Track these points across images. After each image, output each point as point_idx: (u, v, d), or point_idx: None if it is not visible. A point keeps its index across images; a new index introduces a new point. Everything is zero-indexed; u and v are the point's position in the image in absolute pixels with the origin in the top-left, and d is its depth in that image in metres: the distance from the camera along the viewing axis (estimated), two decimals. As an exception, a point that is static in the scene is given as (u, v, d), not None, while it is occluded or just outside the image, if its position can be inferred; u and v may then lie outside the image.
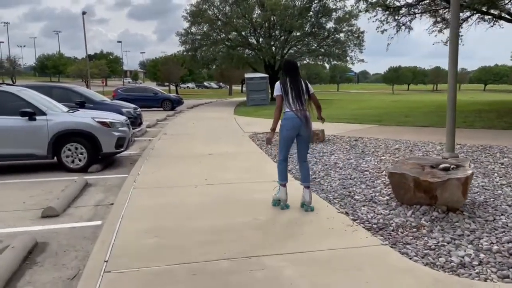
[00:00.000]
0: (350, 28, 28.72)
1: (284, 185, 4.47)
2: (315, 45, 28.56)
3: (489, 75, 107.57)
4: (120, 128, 7.42)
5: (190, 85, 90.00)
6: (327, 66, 33.62)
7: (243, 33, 28.99)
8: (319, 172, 6.17)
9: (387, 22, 16.32)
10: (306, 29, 28.40)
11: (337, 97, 46.52)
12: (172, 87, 64.61)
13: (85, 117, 7.22)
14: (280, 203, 4.47)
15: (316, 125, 12.03)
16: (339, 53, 28.68)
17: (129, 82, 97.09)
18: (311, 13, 28.88)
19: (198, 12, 28.79)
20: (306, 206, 4.35)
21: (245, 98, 43.70)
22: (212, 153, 8.02)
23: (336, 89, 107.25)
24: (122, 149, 7.50)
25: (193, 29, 30.28)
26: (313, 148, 8.45)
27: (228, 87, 77.85)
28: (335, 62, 30.27)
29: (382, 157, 7.17)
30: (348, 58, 29.46)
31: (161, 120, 17.03)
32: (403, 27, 16.41)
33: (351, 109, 18.80)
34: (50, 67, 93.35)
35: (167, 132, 11.66)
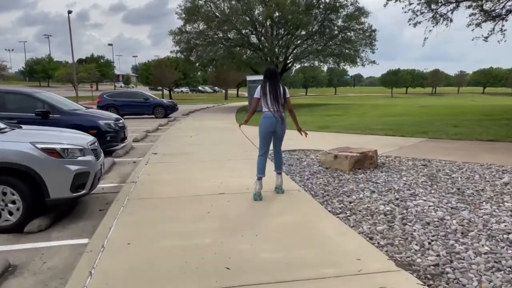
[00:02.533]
0: (360, 26, 26.12)
1: (260, 179, 4.96)
2: (323, 44, 25.80)
3: (488, 78, 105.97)
4: (80, 158, 4.64)
5: (184, 89, 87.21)
6: (334, 67, 30.61)
7: (243, 31, 26.27)
8: (431, 242, 3.41)
9: (421, 13, 13.70)
10: (314, 26, 25.72)
11: (342, 101, 44.03)
12: (166, 92, 61.79)
13: (19, 142, 4.41)
14: (255, 196, 4.87)
15: (368, 143, 9.23)
16: (351, 53, 26.00)
17: (121, 87, 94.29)
18: (317, 10, 26.23)
19: (194, 9, 26.05)
20: (278, 189, 5.16)
21: (244, 103, 41.03)
22: (224, 191, 5.27)
23: (334, 93, 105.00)
24: (84, 192, 4.70)
25: (188, 28, 27.50)
26: (373, 180, 5.73)
27: (223, 91, 75.15)
28: (346, 63, 27.55)
29: (506, 203, 4.45)
30: (358, 60, 26.84)
31: (152, 131, 14.22)
32: (440, 19, 13.78)
33: (377, 117, 16.13)
34: (39, 72, 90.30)
35: (158, 151, 8.87)
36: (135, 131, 14.48)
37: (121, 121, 9.75)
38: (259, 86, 5.00)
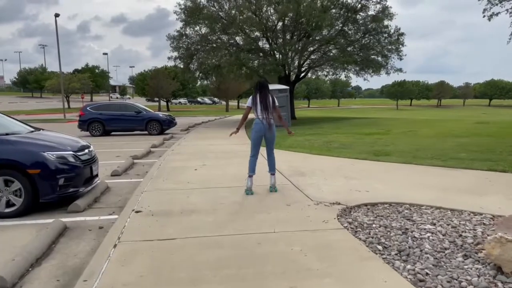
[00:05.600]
0: (385, 29, 22.80)
1: (251, 176, 5.71)
2: (344, 50, 22.28)
3: (495, 90, 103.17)
4: None
5: (182, 100, 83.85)
6: (354, 78, 26.80)
7: (252, 35, 22.88)
8: None
9: (500, 1, 10.29)
10: (336, 27, 22.31)
11: (359, 114, 40.88)
12: (163, 103, 58.37)
13: None
14: (247, 191, 5.64)
15: (481, 188, 3.65)
16: (378, 60, 22.58)
17: (117, 98, 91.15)
18: (334, 10, 22.90)
19: (195, 9, 22.67)
20: (272, 188, 5.77)
21: (248, 116, 37.50)
22: None
23: (337, 104, 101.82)
24: None
25: (188, 31, 24.10)
26: None
27: (222, 102, 71.67)
28: (368, 72, 24.04)
29: None
30: (382, 68, 23.39)
31: (141, 156, 10.60)
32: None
33: (436, 137, 12.61)
34: (31, 82, 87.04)
35: (143, 204, 5.27)
36: (119, 155, 10.97)
37: (87, 151, 6.15)
38: (251, 96, 5.79)
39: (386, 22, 23.35)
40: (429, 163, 7.83)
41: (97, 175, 6.53)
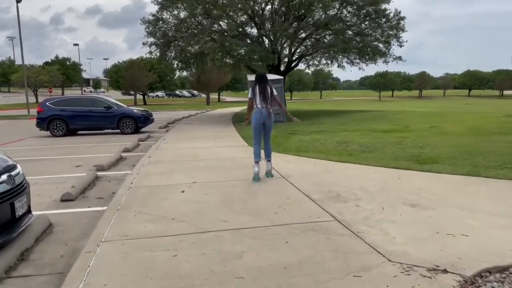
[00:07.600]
0: (385, 12, 20.68)
1: (257, 162, 5.90)
2: (339, 36, 20.01)
3: (474, 80, 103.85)
4: None
5: (160, 93, 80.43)
6: (348, 67, 24.08)
7: (238, 19, 20.42)
8: None
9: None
10: (330, 12, 20.00)
11: (351, 107, 39.13)
12: (139, 96, 55.20)
13: None
14: (255, 177, 5.82)
15: None
16: (382, 47, 20.44)
17: (90, 91, 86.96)
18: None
19: (173, -10, 19.99)
20: (268, 174, 6.05)
21: (234, 109, 35.10)
22: None
23: (319, 97, 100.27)
24: None
25: (166, 15, 21.41)
26: None
27: (202, 95, 68.73)
28: (363, 61, 21.92)
29: None
30: (379, 56, 21.33)
31: (108, 167, 8.09)
32: None
33: (470, 134, 10.56)
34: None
35: (96, 283, 2.93)
36: (80, 164, 8.55)
37: (5, 177, 3.72)
38: (250, 88, 6.02)
39: (383, 6, 21.25)
40: (503, 176, 5.73)
41: (28, 212, 4.14)
